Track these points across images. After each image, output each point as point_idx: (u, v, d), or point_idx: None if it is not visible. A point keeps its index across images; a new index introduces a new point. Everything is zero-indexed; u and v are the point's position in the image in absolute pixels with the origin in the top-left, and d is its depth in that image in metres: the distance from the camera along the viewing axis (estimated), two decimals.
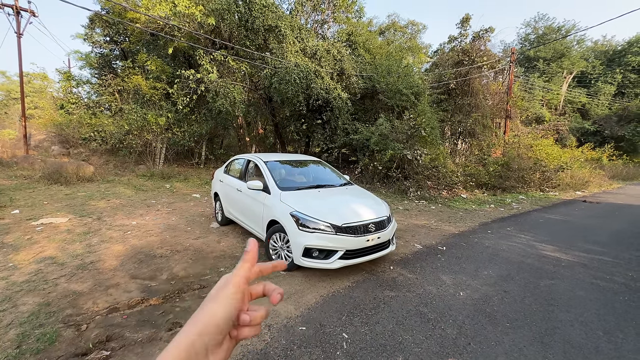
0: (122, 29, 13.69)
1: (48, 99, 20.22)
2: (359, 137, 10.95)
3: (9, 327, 2.64)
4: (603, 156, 19.20)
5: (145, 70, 12.60)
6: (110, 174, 10.49)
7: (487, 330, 2.85)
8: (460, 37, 16.04)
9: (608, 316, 3.16)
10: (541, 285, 3.83)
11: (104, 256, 4.20)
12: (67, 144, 13.86)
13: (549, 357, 2.51)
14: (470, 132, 15.28)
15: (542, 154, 12.36)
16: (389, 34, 25.05)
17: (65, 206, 6.51)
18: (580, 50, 28.27)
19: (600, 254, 5.06)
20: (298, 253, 3.67)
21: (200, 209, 7.10)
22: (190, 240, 5.01)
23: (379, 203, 4.46)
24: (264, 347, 2.51)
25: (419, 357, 2.46)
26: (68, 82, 14.88)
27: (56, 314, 2.87)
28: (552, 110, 24.79)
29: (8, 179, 8.97)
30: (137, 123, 11.04)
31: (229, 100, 10.86)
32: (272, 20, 11.14)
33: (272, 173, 4.61)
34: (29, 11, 12.60)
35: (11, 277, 3.49)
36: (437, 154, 10.59)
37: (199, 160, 13.83)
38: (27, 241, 4.57)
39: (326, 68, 11.68)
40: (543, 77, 25.67)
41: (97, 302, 3.11)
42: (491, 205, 9.04)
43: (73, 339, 2.54)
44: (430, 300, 3.35)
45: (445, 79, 15.51)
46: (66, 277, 3.57)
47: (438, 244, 5.31)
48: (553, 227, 6.75)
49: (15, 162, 11.06)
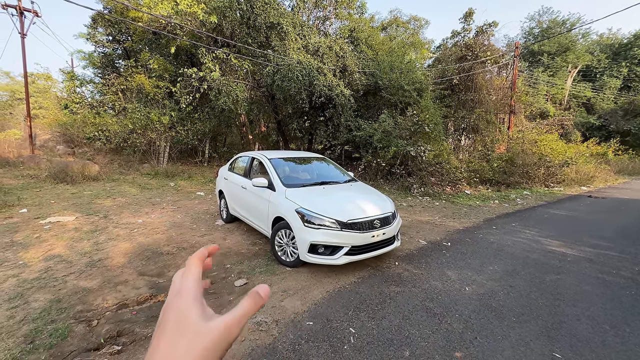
0: (125, 28, 13.74)
1: (52, 98, 20.36)
2: (362, 134, 10.92)
3: (22, 323, 2.69)
4: (609, 151, 19.04)
5: (148, 69, 12.64)
6: (115, 173, 10.57)
7: (493, 324, 2.86)
8: (464, 32, 15.89)
9: (615, 310, 3.16)
10: (547, 280, 3.83)
11: (112, 254, 4.25)
12: (72, 144, 13.96)
13: (555, 351, 2.51)
14: (474, 127, 15.19)
15: (547, 149, 12.28)
16: (392, 29, 24.88)
17: (72, 205, 6.58)
18: (585, 44, 27.94)
19: (606, 248, 5.04)
20: (304, 249, 3.70)
21: (205, 206, 7.14)
22: (196, 237, 5.06)
23: (384, 199, 4.46)
24: (272, 342, 2.54)
25: (426, 351, 2.48)
26: (72, 81, 14.99)
27: (67, 310, 2.92)
28: (557, 105, 24.58)
29: (15, 178, 9.08)
30: (140, 122, 11.10)
31: (231, 99, 10.88)
32: (274, 17, 11.11)
33: (276, 170, 4.63)
34: (32, 11, 12.67)
35: (22, 275, 3.55)
36: (441, 150, 10.56)
37: (202, 159, 13.88)
38: (36, 239, 4.63)
39: (329, 65, 11.65)
40: (547, 71, 25.43)
41: (106, 298, 3.15)
42: (495, 201, 9.01)
43: (84, 334, 2.59)
44: (436, 295, 3.36)
45: (448, 75, 15.41)
46: (75, 274, 3.62)
47: (443, 239, 5.31)
48: (558, 223, 6.72)
49: (22, 161, 11.18)
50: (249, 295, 0.42)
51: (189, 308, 0.39)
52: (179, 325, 0.37)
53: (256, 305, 0.41)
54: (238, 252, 4.49)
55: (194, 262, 0.45)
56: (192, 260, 0.46)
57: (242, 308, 0.40)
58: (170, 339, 0.36)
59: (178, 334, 0.37)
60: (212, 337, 0.37)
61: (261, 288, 0.43)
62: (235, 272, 3.82)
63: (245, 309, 0.40)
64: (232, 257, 4.30)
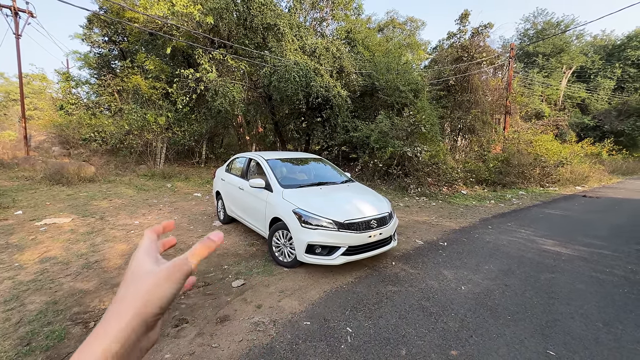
0: (121, 29, 13.68)
1: (47, 99, 20.20)
2: (359, 134, 10.96)
3: (18, 325, 2.68)
4: (603, 151, 19.26)
5: (144, 70, 12.59)
6: (111, 174, 10.52)
7: (488, 323, 2.89)
8: (459, 33, 16.01)
9: (608, 308, 3.20)
10: (541, 278, 3.87)
11: (108, 255, 4.24)
12: (68, 145, 13.87)
13: (549, 348, 2.55)
14: (470, 128, 15.28)
15: (542, 149, 12.40)
16: (388, 31, 24.99)
17: (67, 206, 6.54)
18: (579, 45, 28.22)
19: (600, 247, 5.11)
20: (301, 250, 3.71)
21: (202, 207, 7.13)
22: (194, 238, 5.05)
23: (381, 200, 4.49)
24: (270, 342, 2.55)
25: (422, 349, 2.50)
26: (67, 82, 14.88)
27: (64, 312, 2.91)
28: (552, 105, 24.79)
29: (10, 180, 9.00)
30: (137, 123, 11.05)
31: (228, 100, 10.87)
32: (271, 18, 11.13)
33: (273, 171, 4.64)
34: (27, 12, 12.57)
35: (17, 277, 3.53)
36: (437, 151, 10.61)
37: (199, 160, 13.85)
38: (32, 241, 4.60)
39: (325, 66, 11.68)
40: (542, 72, 25.64)
41: (103, 300, 3.15)
42: (491, 201, 9.08)
43: (81, 336, 2.58)
44: (432, 295, 3.39)
45: (444, 76, 15.50)
46: (72, 276, 3.61)
47: (439, 239, 5.35)
48: (553, 222, 6.79)
49: (16, 163, 11.09)
50: (202, 240, 0.45)
51: (141, 262, 0.43)
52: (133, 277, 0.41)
53: (207, 248, 0.44)
54: (235, 253, 4.50)
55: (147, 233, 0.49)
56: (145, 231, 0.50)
57: (193, 249, 0.44)
58: (125, 284, 0.41)
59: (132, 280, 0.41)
60: (160, 274, 0.40)
61: (214, 233, 0.46)
62: (232, 272, 3.83)
63: (195, 250, 0.44)
64: (230, 258, 4.30)
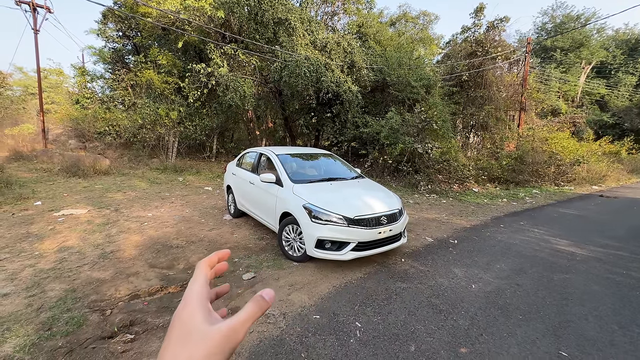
0: (134, 24, 13.86)
1: (64, 94, 20.69)
2: (369, 130, 10.88)
3: (40, 311, 2.79)
4: (622, 149, 18.59)
5: (157, 65, 12.76)
6: (125, 167, 10.75)
7: (499, 322, 2.86)
8: (474, 28, 15.59)
9: (624, 310, 3.13)
10: (555, 279, 3.80)
11: (123, 246, 4.36)
12: (83, 138, 14.20)
13: (562, 349, 2.51)
14: (483, 125, 14.97)
15: (558, 147, 12.07)
16: (400, 25, 24.56)
17: (84, 198, 6.74)
18: (600, 40, 27.13)
19: (616, 249, 4.97)
20: (311, 244, 3.74)
21: (212, 201, 7.24)
22: (205, 231, 5.14)
23: (391, 196, 4.47)
24: (280, 334, 2.59)
25: (431, 346, 2.50)
26: (82, 77, 15.23)
27: (82, 299, 3.02)
28: (569, 102, 24.04)
29: (29, 172, 9.31)
30: (150, 117, 11.25)
31: (239, 94, 10.93)
32: (282, 12, 11.09)
33: (284, 166, 4.67)
34: (45, 7, 12.85)
35: (38, 265, 3.67)
36: (449, 148, 10.46)
37: (210, 154, 14.01)
38: (51, 231, 4.77)
39: (336, 61, 11.59)
40: (560, 67, 24.83)
41: (119, 289, 3.25)
42: (504, 199, 8.91)
43: (99, 323, 2.68)
44: (442, 292, 3.37)
45: (457, 71, 15.17)
46: (89, 265, 3.73)
47: (449, 237, 5.30)
48: (568, 222, 6.63)
49: (35, 155, 11.44)
50: (254, 299, 0.42)
51: (192, 314, 0.40)
52: (182, 333, 0.38)
53: (261, 309, 0.42)
54: (246, 247, 4.56)
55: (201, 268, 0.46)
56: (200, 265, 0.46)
57: (246, 312, 0.41)
58: (173, 347, 0.37)
59: (181, 341, 0.37)
60: (215, 340, 0.37)
61: (266, 292, 0.43)
62: (243, 265, 3.89)
63: (249, 312, 0.41)
64: (240, 252, 4.36)
